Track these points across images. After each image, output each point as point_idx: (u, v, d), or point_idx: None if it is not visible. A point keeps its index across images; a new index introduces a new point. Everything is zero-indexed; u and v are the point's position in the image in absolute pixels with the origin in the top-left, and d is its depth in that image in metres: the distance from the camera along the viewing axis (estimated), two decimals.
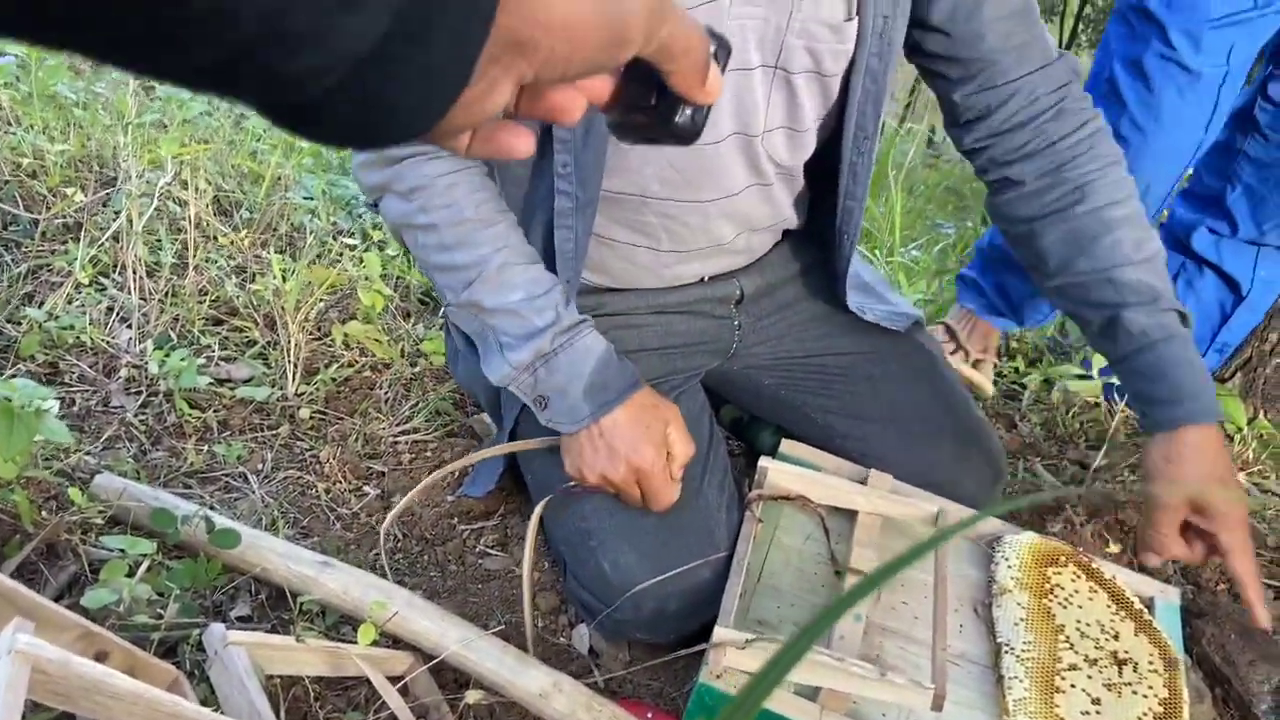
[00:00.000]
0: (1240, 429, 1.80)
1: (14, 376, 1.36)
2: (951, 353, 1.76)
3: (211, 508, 1.26)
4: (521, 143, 0.46)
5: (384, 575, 1.19)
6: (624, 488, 1.11)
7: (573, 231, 1.13)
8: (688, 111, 0.49)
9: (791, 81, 1.12)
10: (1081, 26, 14.15)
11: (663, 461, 1.10)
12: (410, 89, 0.33)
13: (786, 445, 1.33)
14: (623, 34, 0.40)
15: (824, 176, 1.25)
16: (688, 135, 0.50)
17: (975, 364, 1.75)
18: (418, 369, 1.72)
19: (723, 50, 0.49)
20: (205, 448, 1.42)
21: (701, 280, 1.34)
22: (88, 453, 1.34)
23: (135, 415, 1.43)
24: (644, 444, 1.08)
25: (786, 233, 1.39)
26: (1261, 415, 1.85)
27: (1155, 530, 1.12)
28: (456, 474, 1.48)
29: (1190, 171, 1.52)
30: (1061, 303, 1.22)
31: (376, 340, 1.69)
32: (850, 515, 1.23)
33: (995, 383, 1.85)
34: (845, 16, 1.08)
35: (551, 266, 1.14)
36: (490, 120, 0.40)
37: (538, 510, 1.18)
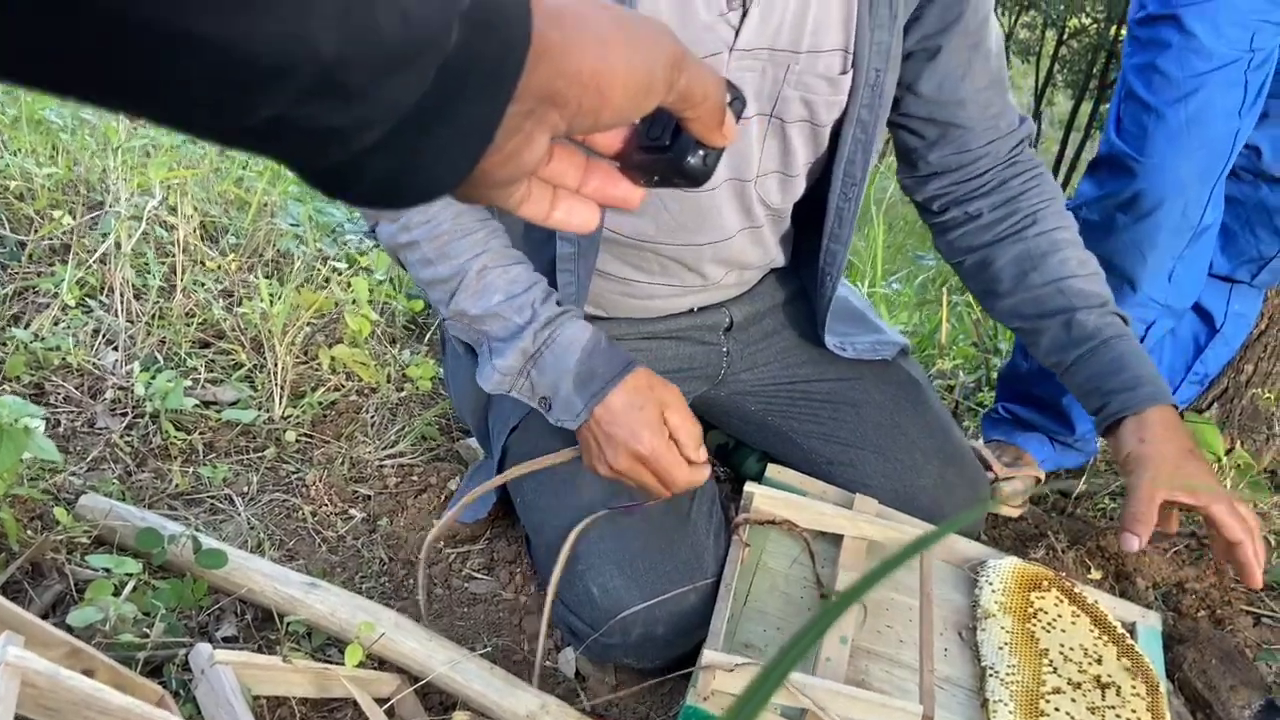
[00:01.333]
0: (1219, 459, 1.82)
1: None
2: (992, 482, 1.59)
3: (197, 529, 1.26)
4: (624, 190, 0.51)
5: (418, 613, 1.19)
6: (634, 476, 1.07)
7: (574, 275, 1.15)
8: (701, 153, 0.51)
9: (786, 130, 1.15)
10: (1057, 68, 14.42)
11: (664, 442, 1.05)
12: (443, 145, 0.35)
13: (773, 470, 1.34)
14: (649, 84, 0.43)
15: (811, 216, 1.28)
16: (700, 177, 0.52)
17: (996, 482, 1.58)
18: (404, 393, 1.73)
19: (738, 101, 0.52)
20: (191, 470, 1.42)
21: (691, 310, 1.36)
22: (73, 473, 1.33)
23: (121, 437, 1.43)
24: (640, 428, 1.05)
25: (772, 270, 1.42)
26: (1239, 445, 1.88)
27: (1142, 505, 1.11)
28: (443, 496, 1.48)
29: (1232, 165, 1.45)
30: (1015, 320, 1.29)
31: (363, 364, 1.69)
32: (836, 540, 1.23)
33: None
34: (841, 70, 1.11)
35: None
36: (528, 172, 0.42)
37: (574, 532, 1.13)
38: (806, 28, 1.07)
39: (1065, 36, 13.50)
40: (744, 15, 1.04)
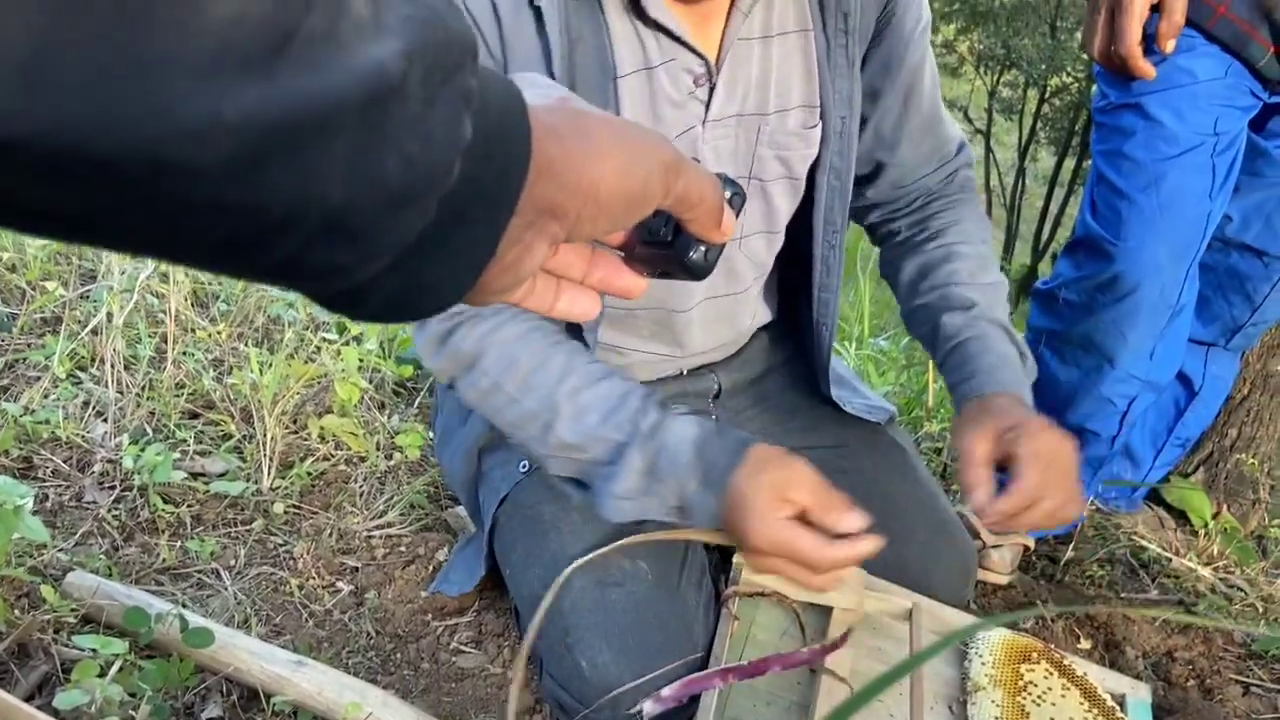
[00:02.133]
0: (1205, 523, 1.83)
1: None
2: (980, 550, 1.59)
3: (184, 605, 1.25)
4: (629, 281, 0.53)
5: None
6: (784, 572, 0.98)
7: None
8: (702, 249, 0.53)
9: (766, 189, 1.18)
10: (1040, 125, 14.67)
11: (784, 527, 0.95)
12: (446, 265, 0.36)
13: None
14: (646, 193, 0.44)
15: (797, 271, 1.30)
16: (701, 272, 0.54)
17: (984, 550, 1.58)
18: (393, 461, 1.73)
19: (738, 197, 0.54)
20: (178, 543, 1.41)
21: (680, 374, 1.37)
22: (60, 549, 1.33)
23: (109, 511, 1.43)
24: (750, 518, 0.95)
25: (761, 327, 1.43)
26: (1225, 509, 1.89)
27: (969, 467, 1.04)
28: (431, 568, 1.48)
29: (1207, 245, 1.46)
30: (912, 328, 1.32)
31: (352, 434, 1.70)
32: (826, 611, 1.23)
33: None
34: (808, 124, 1.14)
35: None
36: (528, 278, 0.44)
37: (557, 582, 1.01)
38: (771, 89, 1.11)
39: (1047, 95, 13.77)
40: (711, 90, 1.07)
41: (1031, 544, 1.64)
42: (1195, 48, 1.32)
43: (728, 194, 0.57)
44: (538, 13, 0.96)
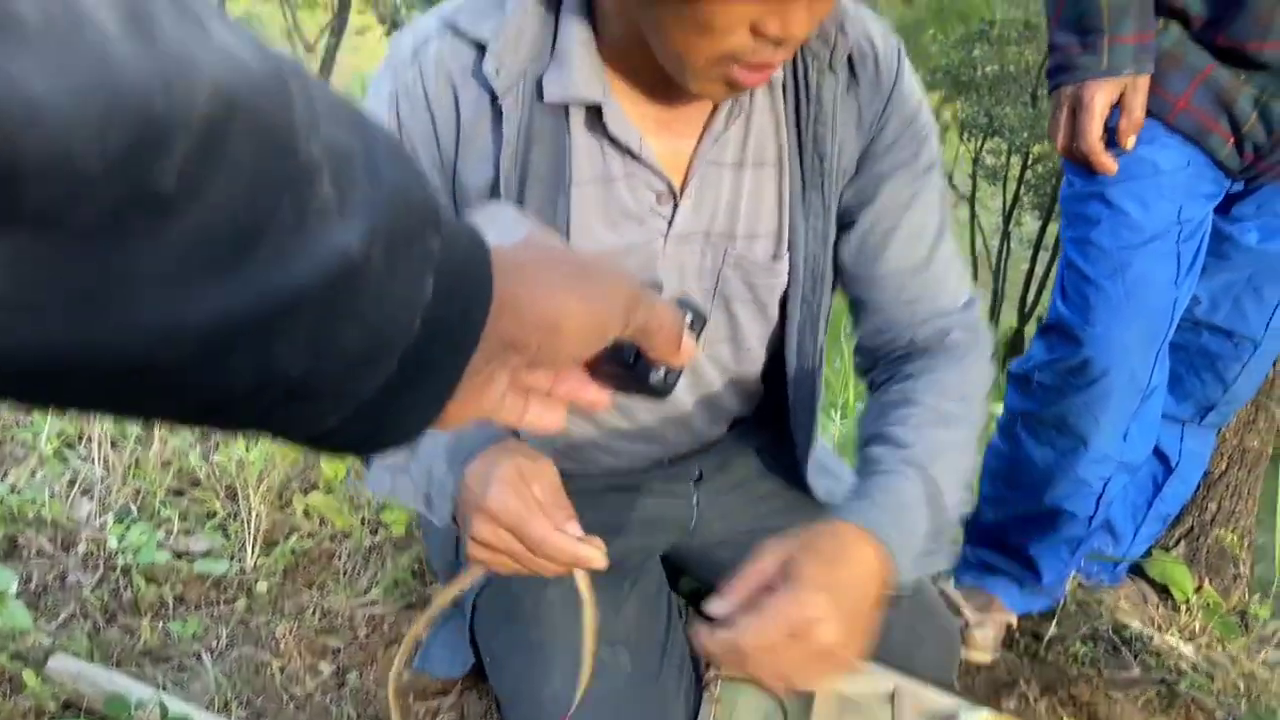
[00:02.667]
0: (1187, 598, 1.84)
1: None
2: (963, 628, 1.58)
3: (165, 689, 1.25)
4: (594, 395, 0.55)
5: None
6: (501, 546, 0.89)
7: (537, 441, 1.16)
8: (661, 372, 0.55)
9: (731, 306, 1.17)
10: (1023, 190, 14.91)
11: (522, 501, 0.88)
12: (409, 406, 0.37)
13: None
14: (605, 326, 0.46)
15: (775, 380, 1.29)
16: (662, 393, 0.56)
17: (967, 628, 1.57)
18: (378, 537, 1.73)
19: (698, 320, 0.56)
20: (161, 625, 1.41)
21: (660, 462, 1.38)
22: (44, 631, 1.32)
23: (92, 591, 1.42)
24: (491, 483, 0.89)
25: (741, 418, 1.44)
26: (1206, 583, 1.90)
27: (749, 570, 0.90)
28: (415, 648, 1.47)
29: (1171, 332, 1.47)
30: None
31: (337, 511, 1.70)
32: (808, 694, 1.23)
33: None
34: (775, 255, 1.13)
35: None
36: (490, 407, 0.45)
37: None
38: (740, 216, 1.09)
39: (1029, 162, 14.03)
40: (675, 207, 1.06)
41: (1014, 620, 1.65)
42: (1157, 139, 1.37)
43: (688, 318, 0.59)
44: (499, 112, 0.97)
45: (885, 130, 1.09)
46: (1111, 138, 1.35)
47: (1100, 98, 1.32)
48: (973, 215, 15.88)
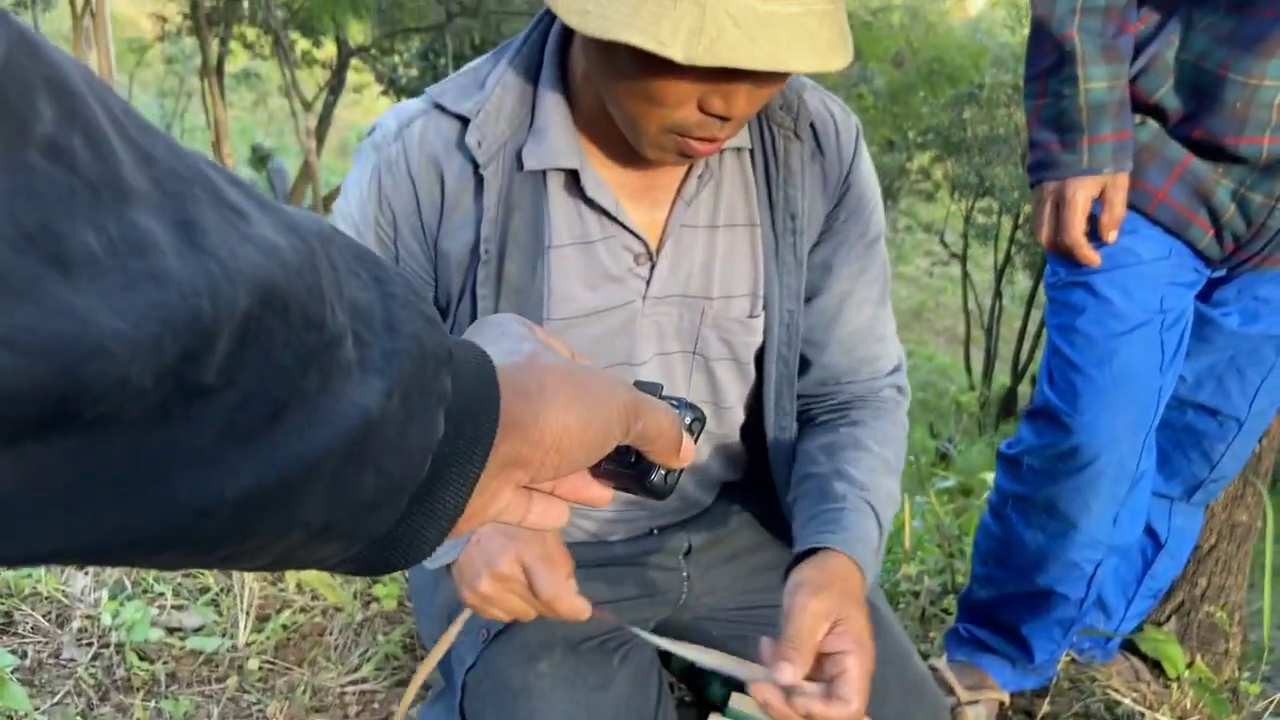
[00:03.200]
0: (1179, 674, 1.84)
1: None
2: (954, 706, 1.61)
3: None
4: (595, 493, 0.56)
5: None
6: (499, 600, 0.98)
7: None
8: (662, 473, 0.57)
9: (710, 365, 1.20)
10: (1015, 249, 15.04)
11: (535, 558, 0.97)
12: (417, 530, 0.39)
13: (736, 699, 1.34)
14: (606, 438, 0.48)
15: (756, 441, 1.32)
16: (662, 493, 0.58)
17: (959, 707, 1.59)
18: (370, 611, 1.73)
19: (698, 422, 0.58)
20: (153, 703, 1.41)
21: (650, 532, 1.39)
22: (38, 709, 1.32)
23: (86, 669, 1.42)
24: (506, 547, 0.97)
25: (730, 485, 1.46)
26: (1198, 659, 1.90)
27: (804, 629, 0.98)
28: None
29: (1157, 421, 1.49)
30: (791, 489, 1.23)
31: (329, 585, 1.71)
32: None
33: None
34: (751, 313, 1.17)
35: None
36: (493, 519, 0.47)
37: None
38: (715, 276, 1.13)
39: (1020, 221, 14.17)
40: (652, 268, 1.10)
41: (1007, 699, 1.65)
42: (1139, 230, 1.40)
43: (687, 420, 0.61)
44: (480, 180, 1.02)
45: (846, 198, 1.16)
46: (1094, 231, 1.39)
47: (1082, 194, 1.35)
48: (965, 273, 16.01)
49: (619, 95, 0.93)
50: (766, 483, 1.40)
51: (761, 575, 1.45)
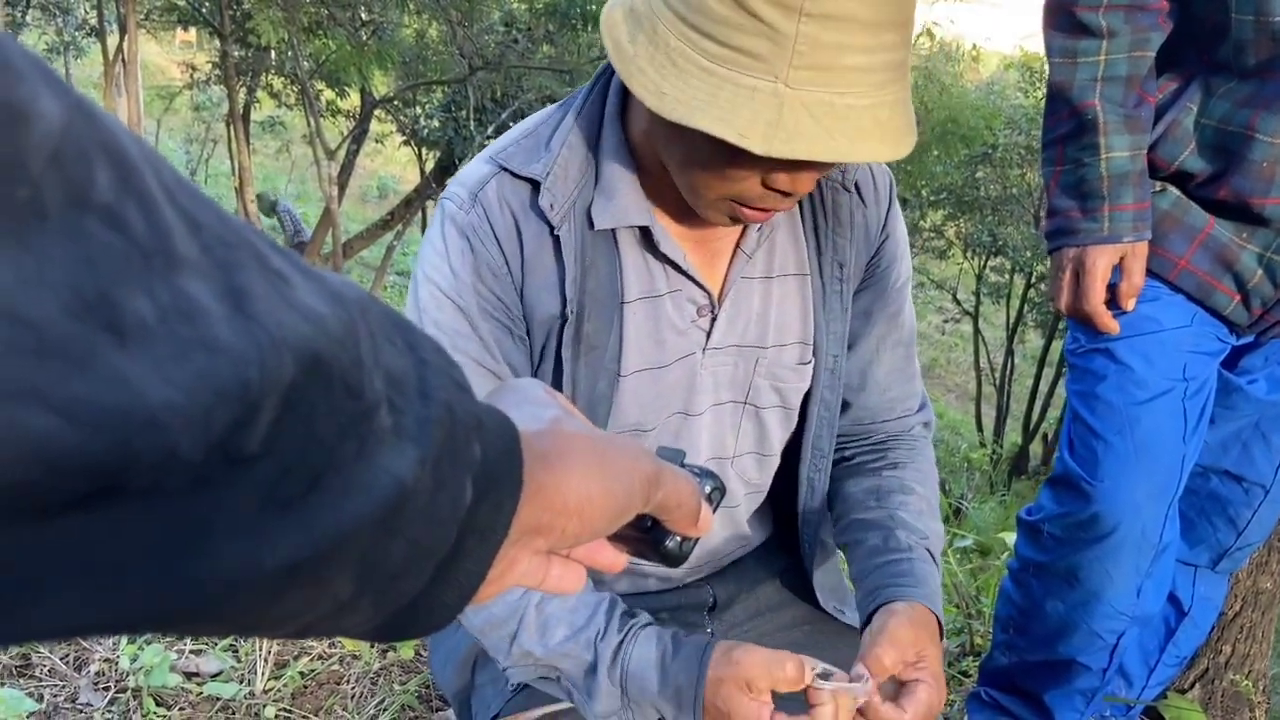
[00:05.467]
0: None
1: None
2: None
3: None
4: (610, 558, 0.56)
5: None
6: None
7: None
8: (678, 539, 0.57)
9: (760, 414, 1.23)
10: (1026, 308, 15.04)
11: (759, 708, 0.97)
12: (438, 600, 0.39)
13: None
14: (627, 507, 0.48)
15: (786, 491, 1.33)
16: (676, 560, 0.58)
17: None
18: (387, 660, 1.72)
19: (717, 492, 0.58)
20: None
21: (676, 586, 1.39)
22: None
23: (102, 714, 1.42)
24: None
25: (756, 539, 1.45)
26: None
27: (892, 651, 1.02)
28: None
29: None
30: (846, 534, 1.25)
31: None
32: None
33: None
34: (801, 360, 1.20)
35: None
36: (511, 586, 0.47)
37: None
38: (770, 325, 1.16)
39: (1033, 280, 14.19)
40: (713, 320, 1.12)
41: None
42: (1160, 297, 1.41)
43: (706, 489, 0.61)
44: (557, 241, 1.04)
45: (885, 246, 1.20)
46: (1112, 299, 1.39)
47: (1102, 262, 1.36)
48: (976, 331, 16.00)
49: (683, 166, 0.96)
50: (788, 538, 1.40)
51: (786, 633, 1.44)
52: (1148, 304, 1.40)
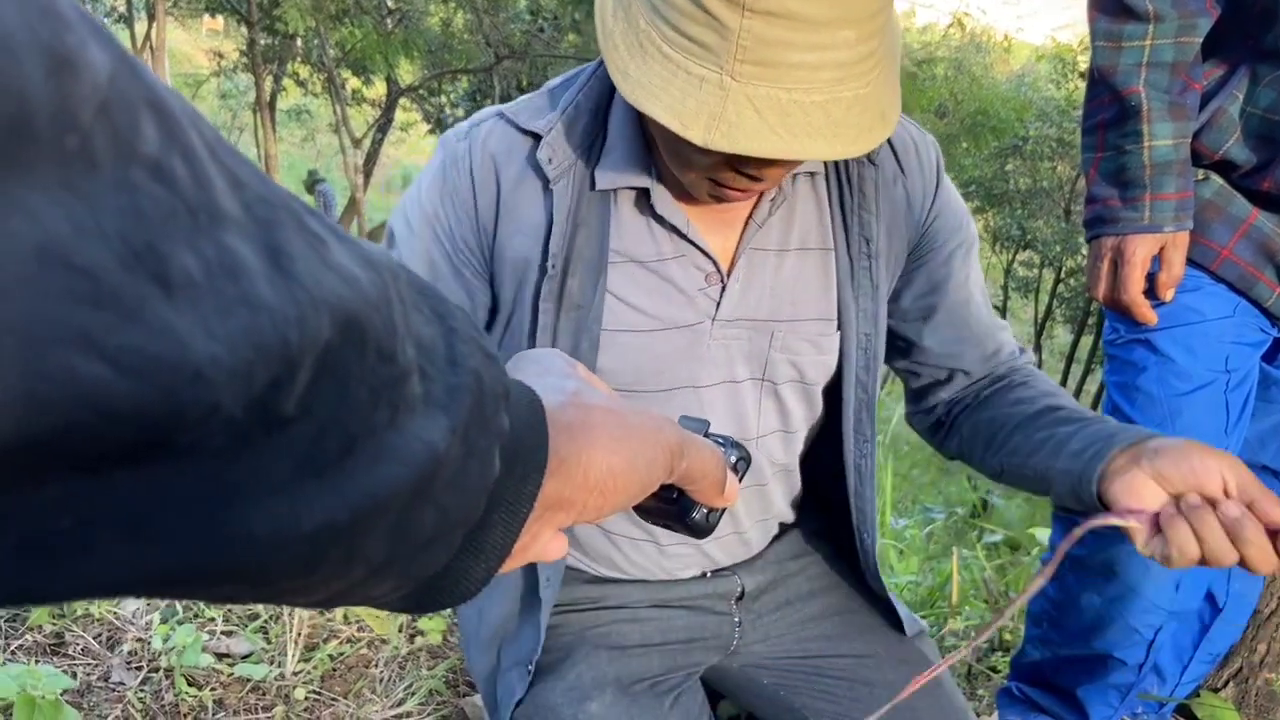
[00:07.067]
0: None
1: (20, 646, 1.37)
2: None
3: None
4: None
5: None
6: None
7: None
8: (704, 510, 0.56)
9: (778, 390, 1.21)
10: (1056, 303, 14.92)
11: None
12: (466, 570, 0.39)
13: None
14: (650, 479, 0.47)
15: (829, 479, 1.31)
16: (702, 532, 0.57)
17: None
18: (416, 645, 1.73)
19: (743, 462, 0.57)
20: None
21: (704, 575, 1.38)
22: None
23: (134, 693, 1.43)
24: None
25: (787, 528, 1.44)
26: None
27: (1137, 483, 0.93)
28: None
29: None
30: (1001, 448, 1.17)
31: (376, 616, 1.71)
32: None
33: None
34: (822, 334, 1.18)
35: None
36: (533, 559, 0.47)
37: None
38: (785, 299, 1.14)
39: (1062, 275, 14.07)
40: (723, 289, 1.11)
41: None
42: (1202, 287, 1.38)
43: (732, 459, 0.60)
44: (550, 196, 1.04)
45: (941, 217, 1.17)
46: (1151, 289, 1.37)
47: (1142, 251, 1.34)
48: None
49: (661, 144, 0.97)
50: (825, 525, 1.39)
51: (816, 624, 1.43)
52: (1189, 294, 1.37)
